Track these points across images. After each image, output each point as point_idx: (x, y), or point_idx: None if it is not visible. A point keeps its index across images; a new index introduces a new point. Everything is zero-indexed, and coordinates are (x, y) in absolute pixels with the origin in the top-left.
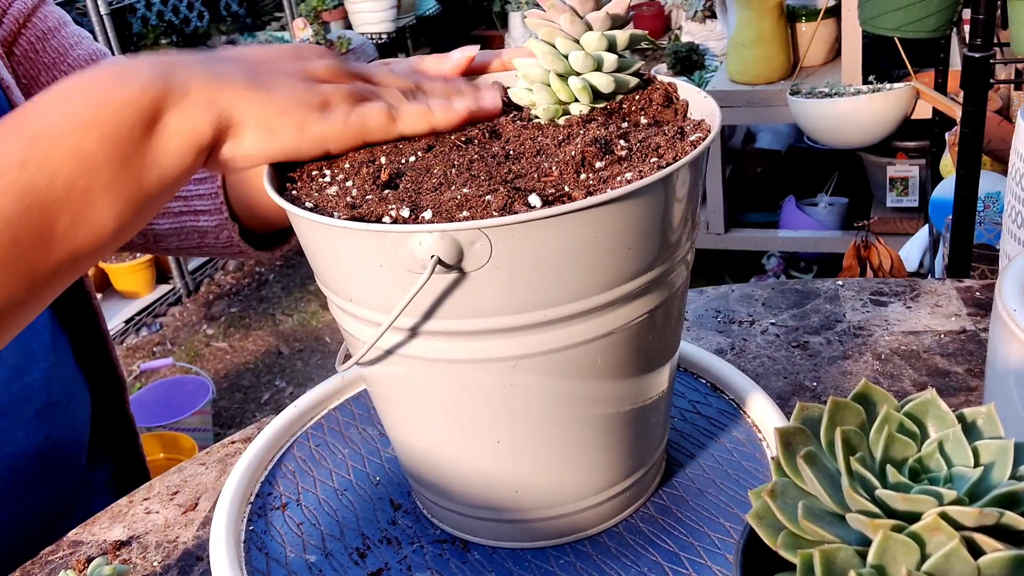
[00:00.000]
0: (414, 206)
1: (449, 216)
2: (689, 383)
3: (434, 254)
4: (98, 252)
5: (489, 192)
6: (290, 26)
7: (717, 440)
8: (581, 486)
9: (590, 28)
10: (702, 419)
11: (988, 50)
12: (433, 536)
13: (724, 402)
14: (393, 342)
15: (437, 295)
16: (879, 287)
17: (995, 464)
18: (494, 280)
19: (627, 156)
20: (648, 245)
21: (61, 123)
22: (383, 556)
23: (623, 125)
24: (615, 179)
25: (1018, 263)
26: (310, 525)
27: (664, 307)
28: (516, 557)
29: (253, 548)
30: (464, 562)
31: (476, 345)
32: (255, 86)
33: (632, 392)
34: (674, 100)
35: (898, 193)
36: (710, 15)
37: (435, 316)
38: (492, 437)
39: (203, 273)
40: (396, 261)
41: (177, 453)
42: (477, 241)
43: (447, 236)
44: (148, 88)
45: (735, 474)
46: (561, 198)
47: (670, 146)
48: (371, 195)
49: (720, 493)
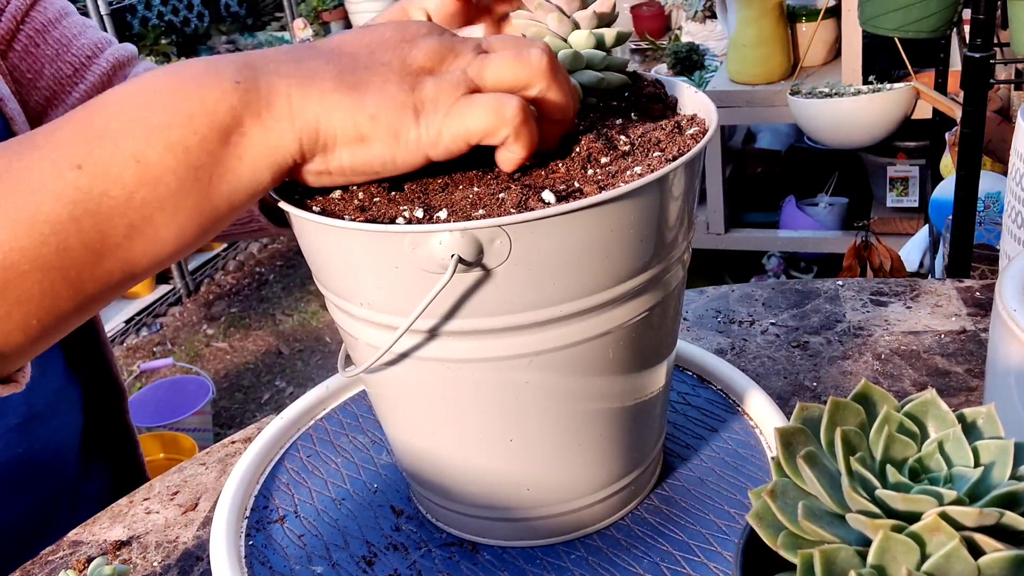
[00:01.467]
0: (427, 206)
1: (465, 215)
2: (689, 382)
3: (454, 252)
4: (154, 267)
5: (501, 190)
6: (290, 26)
7: (717, 440)
8: (589, 481)
9: (578, 27)
10: (702, 419)
11: (988, 50)
12: (440, 540)
13: (724, 402)
14: (408, 344)
15: (455, 295)
16: (879, 287)
17: (995, 464)
18: (513, 277)
19: (631, 151)
20: (658, 235)
21: (127, 126)
22: (392, 563)
23: (617, 122)
24: (624, 173)
25: (1018, 263)
26: (312, 536)
27: (674, 298)
28: (527, 555)
29: (256, 563)
30: (475, 563)
31: (491, 343)
32: (347, 87)
33: (638, 386)
34: (663, 96)
35: (898, 193)
36: (710, 15)
37: (451, 316)
38: (504, 436)
39: (203, 273)
40: (413, 262)
41: (177, 453)
42: (497, 238)
43: (467, 234)
44: (227, 96)
45: (735, 473)
46: (574, 193)
47: (670, 140)
48: (378, 197)
49: (720, 488)
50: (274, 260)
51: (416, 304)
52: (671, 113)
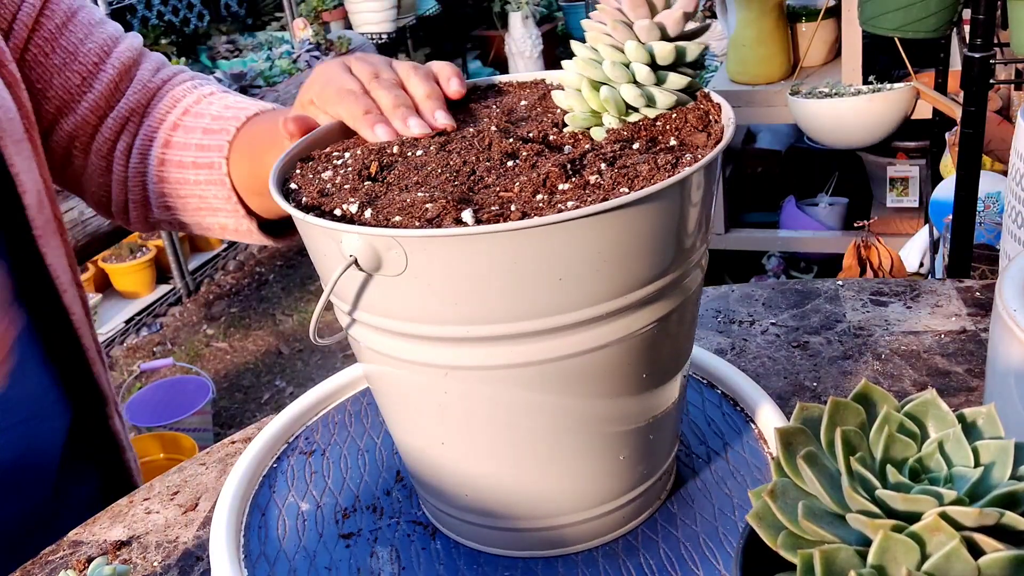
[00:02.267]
0: (370, 202)
1: (385, 219)
2: (690, 383)
3: (352, 254)
4: None
5: (434, 200)
6: (290, 26)
7: (718, 440)
8: (593, 495)
9: (665, 32)
10: (702, 419)
11: (988, 50)
12: (412, 516)
13: (724, 402)
14: (376, 341)
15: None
16: (879, 287)
17: (995, 464)
18: (413, 288)
19: (596, 182)
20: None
21: None
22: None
23: (632, 147)
24: (556, 206)
25: (1018, 263)
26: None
27: (679, 312)
28: (506, 562)
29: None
30: (424, 548)
31: (468, 352)
32: None
33: (639, 405)
34: (711, 123)
35: (898, 193)
36: (710, 15)
37: (393, 315)
38: (497, 445)
39: (203, 273)
40: (339, 254)
41: (177, 453)
42: (392, 249)
43: (364, 239)
44: None
45: (735, 474)
46: (498, 217)
47: (648, 178)
48: (348, 184)
49: (722, 494)
50: (274, 260)
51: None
52: (711, 143)
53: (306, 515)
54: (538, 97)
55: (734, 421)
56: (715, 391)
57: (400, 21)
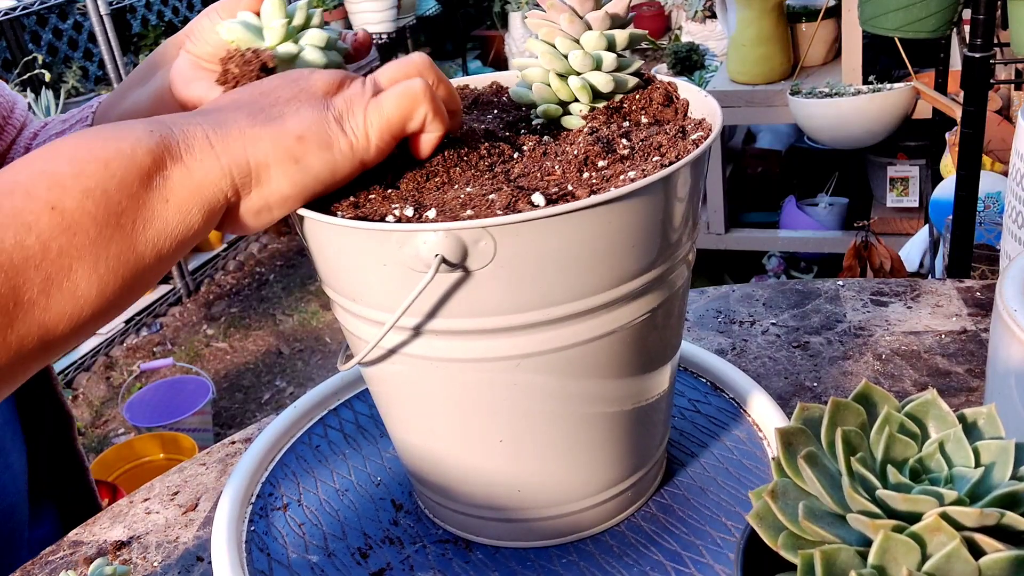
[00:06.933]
0: (418, 205)
1: (453, 215)
2: (690, 383)
3: (438, 253)
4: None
5: (493, 191)
6: None
7: (718, 440)
8: (584, 485)
9: (589, 28)
10: (703, 418)
11: (988, 50)
12: (435, 536)
13: (725, 402)
14: (396, 341)
15: (441, 294)
16: (879, 287)
17: (996, 464)
18: (498, 279)
19: (630, 155)
20: (650, 244)
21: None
22: (385, 556)
23: (624, 124)
24: (618, 178)
25: (1018, 263)
26: (312, 525)
27: (665, 306)
28: (519, 556)
29: (255, 549)
30: (467, 562)
31: (479, 344)
32: (262, 122)
33: (634, 391)
34: (674, 99)
35: (898, 193)
36: (710, 15)
37: (439, 315)
38: (495, 436)
39: (203, 273)
40: (400, 260)
41: (177, 453)
42: (481, 240)
43: (451, 235)
44: (143, 140)
45: (736, 473)
46: (565, 197)
47: (672, 145)
48: (374, 194)
49: (722, 492)
50: (274, 260)
51: (403, 301)
52: (680, 117)
53: (321, 566)
54: (493, 94)
55: (734, 421)
56: (716, 392)
57: (400, 21)
